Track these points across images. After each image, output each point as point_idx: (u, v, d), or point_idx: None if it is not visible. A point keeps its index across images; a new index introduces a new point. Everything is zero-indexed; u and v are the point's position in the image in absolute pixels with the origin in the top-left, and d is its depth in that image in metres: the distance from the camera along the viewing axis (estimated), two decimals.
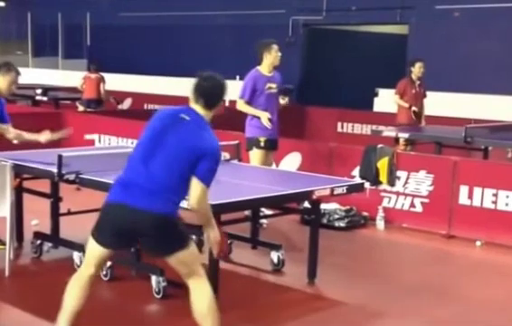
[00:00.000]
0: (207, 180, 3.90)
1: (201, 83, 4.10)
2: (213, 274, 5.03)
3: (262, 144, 7.38)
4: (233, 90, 15.67)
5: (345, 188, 5.68)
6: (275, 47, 7.41)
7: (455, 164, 7.63)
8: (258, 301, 5.52)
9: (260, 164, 7.33)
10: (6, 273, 5.65)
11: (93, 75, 14.64)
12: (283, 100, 7.63)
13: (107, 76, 14.84)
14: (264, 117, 7.31)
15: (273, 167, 7.69)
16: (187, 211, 4.14)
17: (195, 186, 3.87)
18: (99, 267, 4.06)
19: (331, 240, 7.07)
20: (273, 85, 7.43)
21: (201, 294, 3.98)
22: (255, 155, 7.41)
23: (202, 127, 4.01)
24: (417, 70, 10.44)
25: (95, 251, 3.98)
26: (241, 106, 7.39)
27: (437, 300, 5.60)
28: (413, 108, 10.44)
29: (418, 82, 10.50)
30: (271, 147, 7.50)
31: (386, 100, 12.29)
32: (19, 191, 6.31)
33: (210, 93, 4.08)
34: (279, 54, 7.41)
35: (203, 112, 4.05)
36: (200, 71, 4.21)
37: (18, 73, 6.30)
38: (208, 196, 3.95)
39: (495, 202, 7.30)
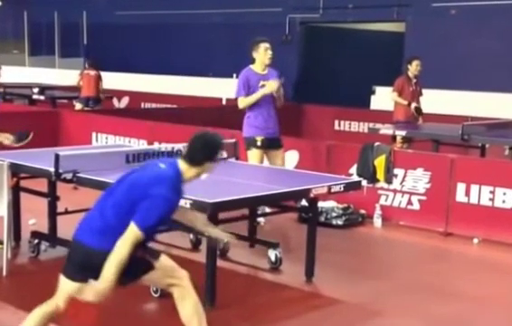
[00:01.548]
0: (142, 223, 3.67)
1: (191, 138, 3.98)
2: (211, 273, 5.03)
3: (259, 143, 7.35)
4: (230, 88, 15.63)
5: (342, 186, 5.69)
6: (263, 45, 7.33)
7: (452, 161, 7.64)
8: (255, 299, 5.52)
9: (259, 163, 7.30)
10: (4, 272, 5.65)
11: (92, 72, 14.44)
12: (277, 97, 7.51)
13: (103, 75, 14.81)
14: (268, 85, 7.25)
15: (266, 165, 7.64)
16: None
17: (128, 228, 3.67)
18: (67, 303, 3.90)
19: (329, 238, 7.07)
20: (267, 83, 7.38)
21: (184, 301, 3.95)
22: (253, 155, 7.37)
23: (165, 178, 3.78)
24: (414, 67, 10.48)
25: (65, 285, 3.89)
26: (242, 102, 7.32)
27: (434, 297, 5.61)
28: (414, 104, 10.48)
29: (414, 80, 10.54)
30: (271, 146, 7.42)
31: (383, 98, 12.30)
32: (16, 190, 6.31)
33: (193, 149, 3.93)
34: (270, 53, 7.29)
35: (184, 168, 3.88)
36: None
37: None
38: (131, 247, 3.65)
39: (492, 199, 7.31)
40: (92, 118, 11.37)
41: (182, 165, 3.90)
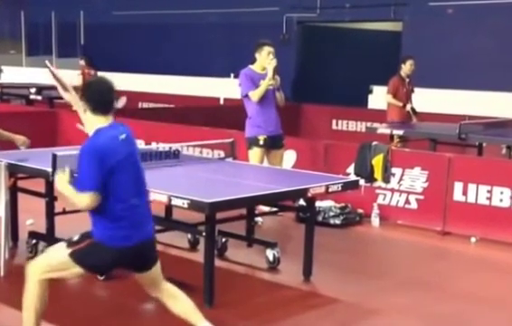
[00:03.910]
0: None
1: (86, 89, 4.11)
2: (209, 273, 5.04)
3: (261, 142, 7.36)
4: (228, 87, 15.56)
5: (340, 186, 5.69)
6: (266, 49, 7.31)
7: (450, 160, 7.65)
8: (253, 298, 5.52)
9: (260, 163, 7.31)
10: (1, 272, 5.65)
11: (93, 71, 14.32)
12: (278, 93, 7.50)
13: (101, 74, 14.73)
14: (269, 66, 7.24)
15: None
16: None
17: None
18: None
19: (326, 237, 7.07)
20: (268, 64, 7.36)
21: (176, 299, 4.13)
22: (254, 154, 7.37)
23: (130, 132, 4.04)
24: (408, 67, 10.56)
25: (78, 273, 4.00)
26: (255, 94, 7.26)
27: (432, 296, 5.61)
28: (410, 105, 10.53)
29: (407, 80, 10.61)
30: (273, 145, 7.43)
31: (381, 98, 12.31)
32: (14, 191, 6.29)
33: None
34: (271, 57, 7.24)
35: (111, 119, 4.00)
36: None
37: (0, 70, 6.33)
38: None
39: (489, 198, 7.32)
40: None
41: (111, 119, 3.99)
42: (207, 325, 4.08)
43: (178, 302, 4.11)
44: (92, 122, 3.95)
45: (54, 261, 3.96)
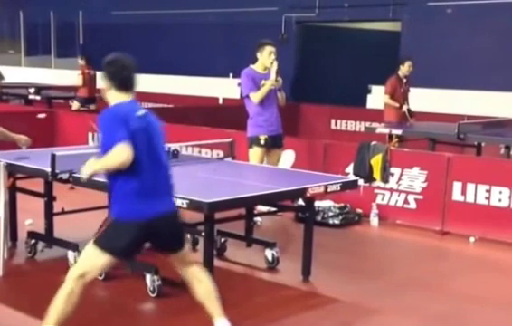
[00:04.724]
0: None
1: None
2: (208, 272, 5.03)
3: (263, 142, 7.38)
4: (227, 87, 15.54)
5: (338, 186, 5.69)
6: (268, 49, 7.34)
7: (448, 160, 7.65)
8: (252, 298, 5.52)
9: (260, 162, 7.32)
10: (0, 272, 5.64)
11: (92, 72, 14.30)
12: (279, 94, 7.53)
13: (100, 75, 14.69)
14: (272, 68, 7.27)
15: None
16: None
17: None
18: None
19: (325, 237, 7.08)
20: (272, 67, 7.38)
21: (200, 282, 4.23)
22: (255, 153, 7.39)
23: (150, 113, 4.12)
24: (406, 68, 10.61)
25: (108, 262, 4.02)
26: (256, 96, 7.30)
27: (431, 296, 5.62)
28: (406, 106, 10.55)
29: (405, 80, 10.64)
30: (274, 144, 7.46)
31: (379, 97, 12.32)
32: (13, 191, 6.29)
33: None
34: (273, 57, 7.28)
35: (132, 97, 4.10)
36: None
37: (2, 77, 6.41)
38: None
39: (488, 198, 7.33)
40: (89, 117, 11.33)
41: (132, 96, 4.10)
42: (224, 322, 4.14)
43: (202, 285, 4.20)
44: (114, 100, 4.04)
45: (85, 257, 4.05)
